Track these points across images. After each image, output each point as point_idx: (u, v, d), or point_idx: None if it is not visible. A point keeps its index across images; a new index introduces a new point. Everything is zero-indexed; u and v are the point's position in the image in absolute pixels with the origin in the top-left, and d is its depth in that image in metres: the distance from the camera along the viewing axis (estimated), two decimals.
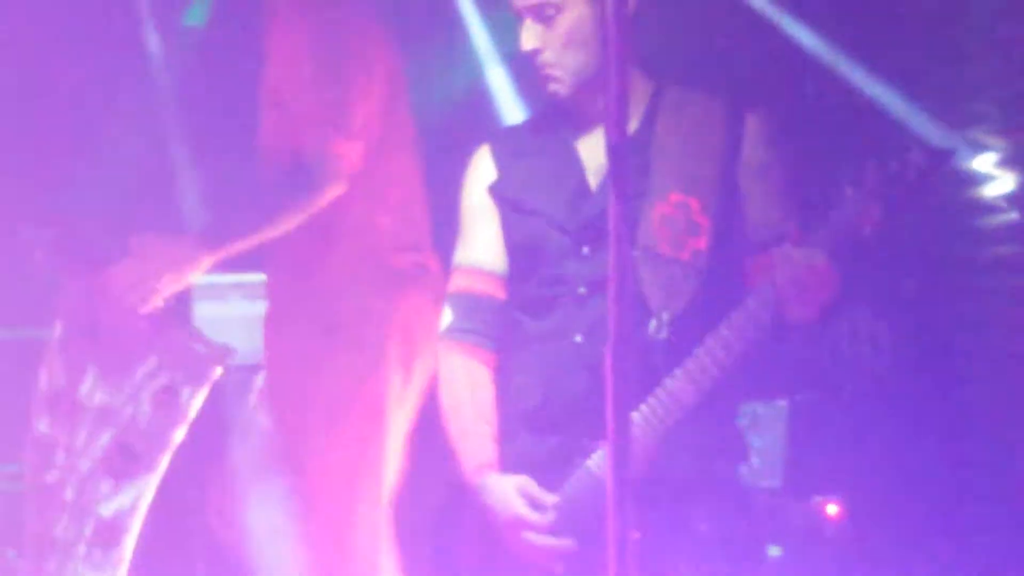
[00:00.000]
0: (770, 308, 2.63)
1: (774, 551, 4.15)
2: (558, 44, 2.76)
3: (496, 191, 2.83)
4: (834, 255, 2.58)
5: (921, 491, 4.38)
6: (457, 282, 2.88)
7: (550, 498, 2.61)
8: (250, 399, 3.60)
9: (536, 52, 2.78)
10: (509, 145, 2.96)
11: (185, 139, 4.70)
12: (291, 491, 3.26)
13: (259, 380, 3.54)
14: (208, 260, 3.12)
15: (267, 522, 3.32)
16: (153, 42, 4.62)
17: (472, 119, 4.68)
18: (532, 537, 2.58)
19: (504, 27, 4.33)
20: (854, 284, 2.72)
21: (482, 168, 2.90)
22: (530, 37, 2.77)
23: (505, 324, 2.84)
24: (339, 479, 3.17)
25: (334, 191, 3.07)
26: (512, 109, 4.71)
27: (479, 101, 4.91)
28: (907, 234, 3.91)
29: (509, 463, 2.70)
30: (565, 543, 2.62)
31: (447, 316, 2.88)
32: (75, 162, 4.53)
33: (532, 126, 3.03)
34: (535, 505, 2.60)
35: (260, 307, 3.49)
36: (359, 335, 3.20)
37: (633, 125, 2.71)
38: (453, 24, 4.89)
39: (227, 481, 3.44)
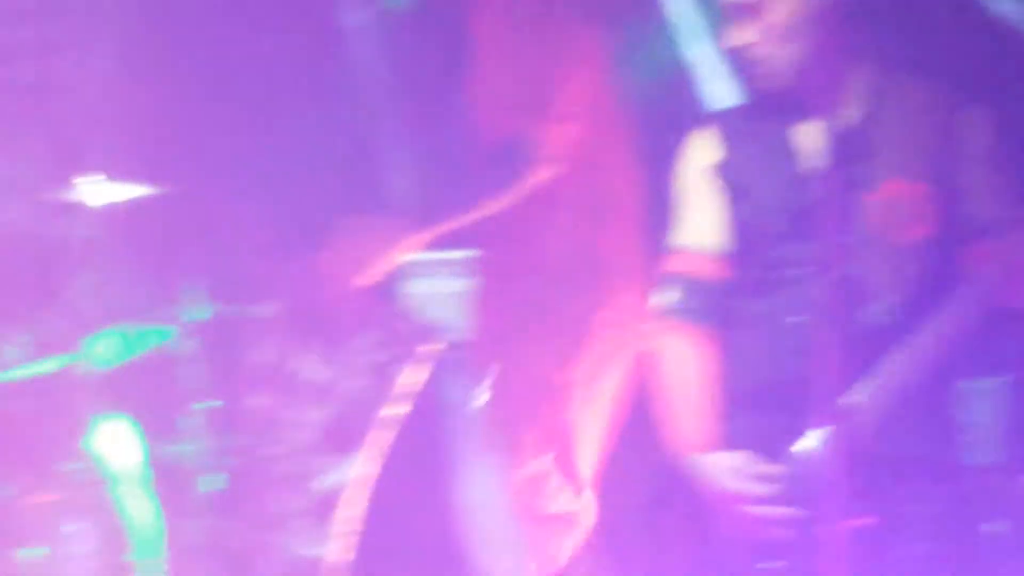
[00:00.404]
0: (987, 295, 2.68)
1: (992, 528, 4.05)
2: (772, 37, 2.78)
3: (717, 173, 2.86)
4: None
5: None
6: (678, 262, 2.92)
7: (772, 471, 2.63)
8: (457, 375, 3.61)
9: (749, 47, 2.80)
10: (728, 128, 2.96)
11: (392, 120, 4.75)
12: (499, 468, 3.29)
13: (466, 357, 3.58)
14: (419, 239, 3.18)
15: (479, 497, 3.37)
16: (357, 17, 4.71)
17: (673, 100, 4.51)
18: (755, 509, 2.60)
19: (706, 3, 4.33)
20: None
21: (700, 150, 2.91)
22: (743, 32, 2.79)
23: (723, 304, 2.86)
24: (540, 459, 3.19)
25: (544, 175, 3.09)
26: (717, 89, 4.50)
27: (679, 81, 4.85)
28: None
29: (727, 442, 2.73)
30: (790, 511, 2.63)
31: (669, 295, 2.91)
32: (289, 142, 4.52)
33: (747, 111, 3.05)
34: (758, 478, 2.62)
35: (467, 284, 3.51)
36: (566, 319, 3.21)
37: (853, 113, 2.76)
38: (652, 2, 4.82)
39: (440, 457, 3.50)
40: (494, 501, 3.37)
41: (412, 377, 3.42)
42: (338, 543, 3.48)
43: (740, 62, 2.97)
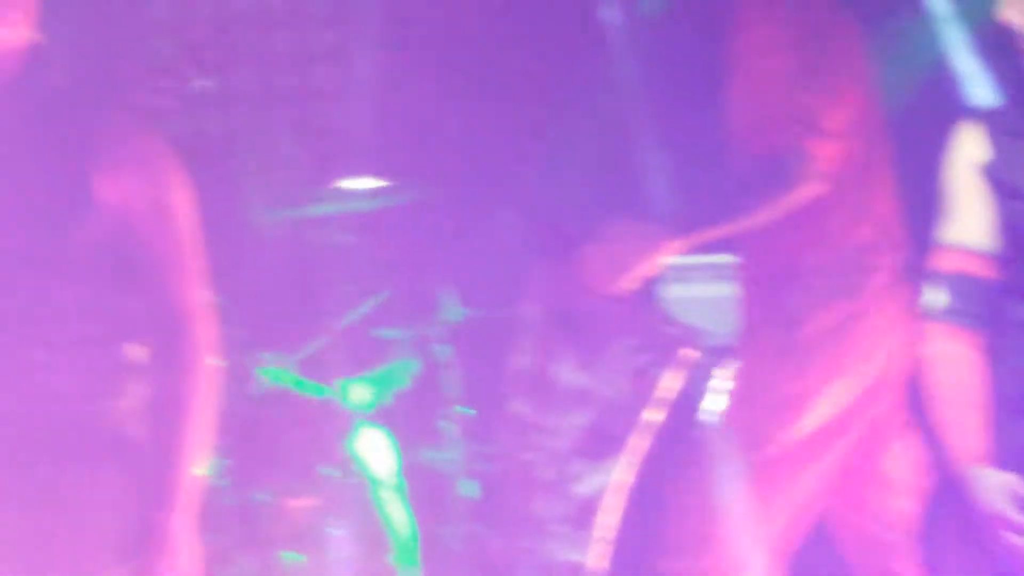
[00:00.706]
0: None
1: None
2: None
3: (989, 172, 2.77)
4: None
5: None
6: (949, 261, 2.83)
7: None
8: (713, 379, 3.55)
9: None
10: (999, 127, 2.86)
11: (650, 126, 4.57)
12: (750, 473, 3.22)
13: (726, 361, 3.48)
14: (678, 245, 3.14)
15: (733, 503, 3.26)
16: (614, 26, 4.76)
17: (936, 96, 4.32)
18: (1012, 538, 2.51)
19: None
20: None
21: (970, 147, 2.83)
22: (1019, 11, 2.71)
23: (993, 307, 2.78)
24: (787, 469, 3.14)
25: (810, 190, 3.07)
26: (981, 84, 4.26)
27: (942, 78, 4.61)
28: None
29: (999, 452, 2.63)
30: None
31: (939, 297, 2.82)
32: (548, 147, 4.75)
33: (1017, 108, 2.93)
34: (1021, 505, 2.51)
35: (725, 288, 3.49)
36: (827, 334, 3.17)
37: None
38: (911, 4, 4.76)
39: (696, 463, 3.41)
40: (747, 507, 3.28)
41: (671, 382, 3.39)
42: (596, 549, 3.45)
43: (1017, 44, 2.83)
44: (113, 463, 2.72)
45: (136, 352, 2.76)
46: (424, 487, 4.50)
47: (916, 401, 3.10)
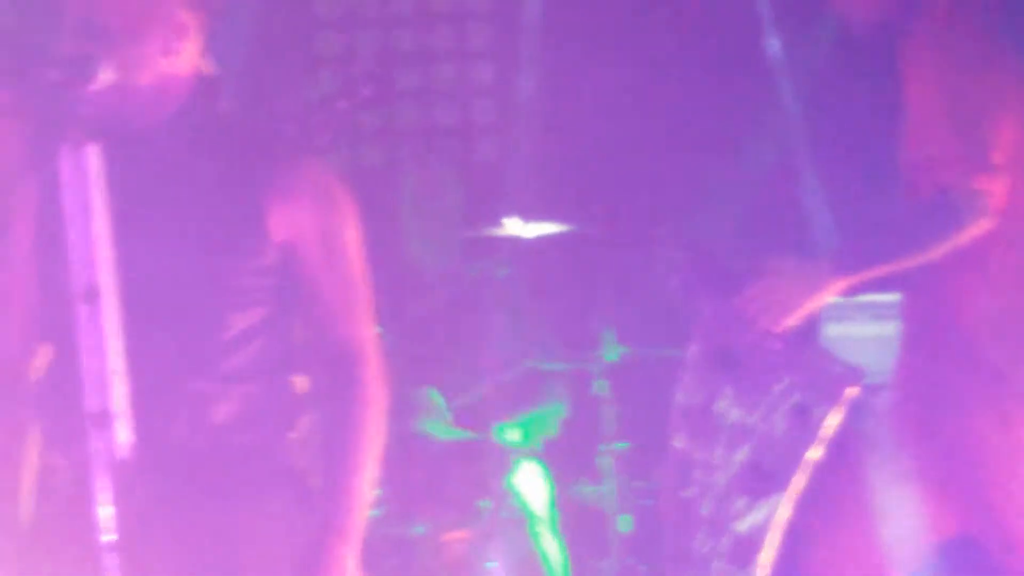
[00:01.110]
0: None
1: None
2: None
3: None
4: None
5: None
6: None
7: None
8: (877, 420, 3.54)
9: None
10: None
11: (815, 165, 4.80)
12: (921, 516, 3.21)
13: (882, 400, 3.50)
14: (841, 283, 3.15)
15: (898, 545, 3.28)
16: (779, 64, 4.97)
17: None
18: None
19: None
20: None
21: None
22: None
23: None
24: (961, 507, 3.09)
25: (979, 227, 3.05)
26: None
27: None
28: None
29: None
30: None
31: None
32: (708, 186, 4.84)
33: None
34: None
35: (887, 327, 3.49)
36: (1009, 374, 3.13)
37: None
38: None
39: (859, 502, 3.40)
40: (913, 550, 3.26)
41: (832, 420, 3.28)
42: None
43: None
44: (284, 494, 2.75)
45: (303, 384, 2.80)
46: (579, 521, 4.65)
47: None
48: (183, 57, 2.75)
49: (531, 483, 4.53)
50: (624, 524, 4.54)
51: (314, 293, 2.76)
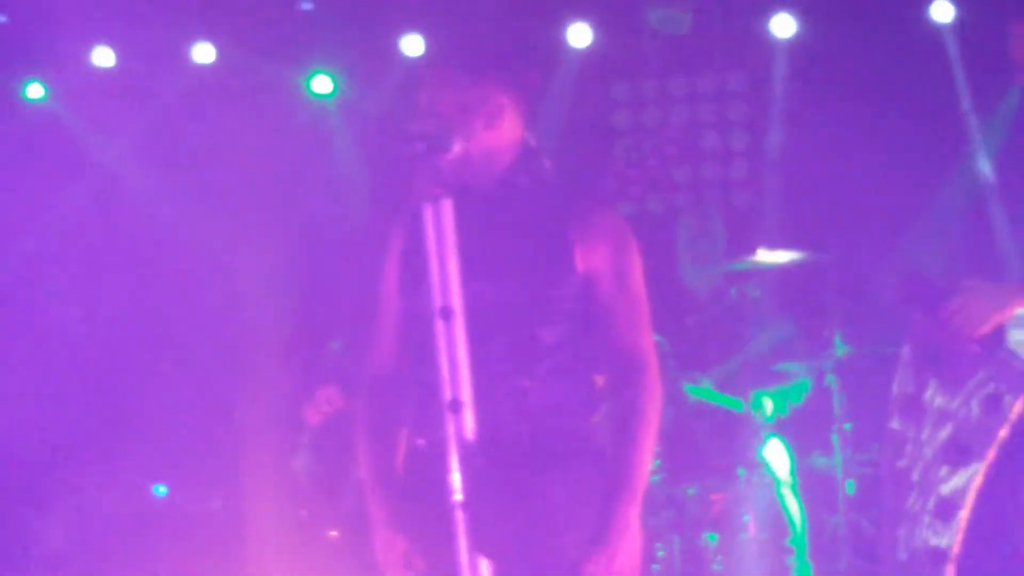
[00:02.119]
0: None
1: None
2: None
3: None
4: None
5: None
6: None
7: None
8: None
9: None
10: None
11: (1006, 201, 4.66)
12: None
13: None
14: None
15: None
16: (972, 120, 5.01)
17: None
18: None
19: None
20: None
21: None
22: None
23: None
24: None
25: None
26: None
27: None
28: None
29: None
30: None
31: None
32: (916, 221, 4.87)
33: None
34: None
35: None
36: None
37: None
38: None
39: None
40: None
41: (1019, 406, 3.29)
42: (957, 538, 3.34)
43: None
44: (586, 467, 2.76)
45: (600, 380, 2.85)
46: (814, 485, 4.87)
47: None
48: (505, 130, 2.79)
49: (777, 455, 4.71)
50: (850, 488, 4.73)
51: (608, 313, 2.79)
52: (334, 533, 4.33)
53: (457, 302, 2.50)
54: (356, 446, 3.09)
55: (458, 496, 2.49)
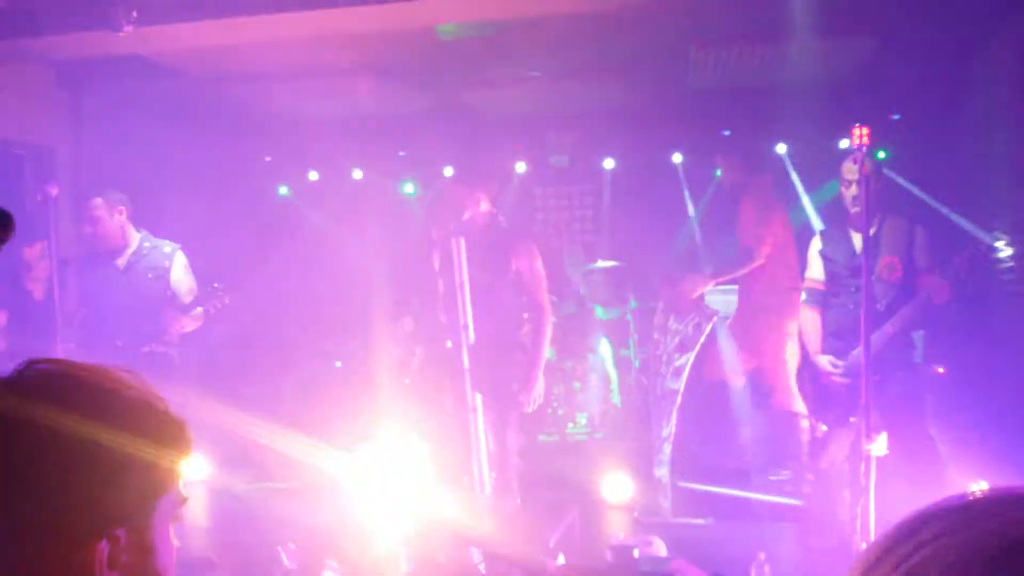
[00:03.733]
0: (926, 301, 3.36)
1: None
2: (851, 197, 3.45)
3: (821, 251, 3.73)
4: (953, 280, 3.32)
5: None
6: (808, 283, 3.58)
7: None
8: None
9: (846, 197, 3.47)
10: (826, 234, 3.75)
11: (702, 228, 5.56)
12: None
13: None
14: None
15: None
16: None
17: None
18: None
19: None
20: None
21: (816, 242, 3.78)
22: (846, 192, 3.45)
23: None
24: None
25: None
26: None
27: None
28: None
29: None
30: None
31: None
32: None
33: (835, 226, 3.71)
34: None
35: None
36: None
37: (873, 229, 3.34)
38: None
39: None
40: None
41: (708, 328, 4.11)
42: (681, 385, 4.07)
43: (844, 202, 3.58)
44: (519, 352, 3.50)
45: (525, 315, 3.55)
46: (621, 362, 5.75)
47: None
48: (483, 208, 3.39)
49: (604, 347, 5.55)
50: (636, 364, 5.73)
51: (526, 286, 3.27)
52: (407, 381, 5.09)
53: (465, 280, 3.24)
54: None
55: (466, 365, 3.28)
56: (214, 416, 3.33)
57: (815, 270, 3.76)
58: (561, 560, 3.35)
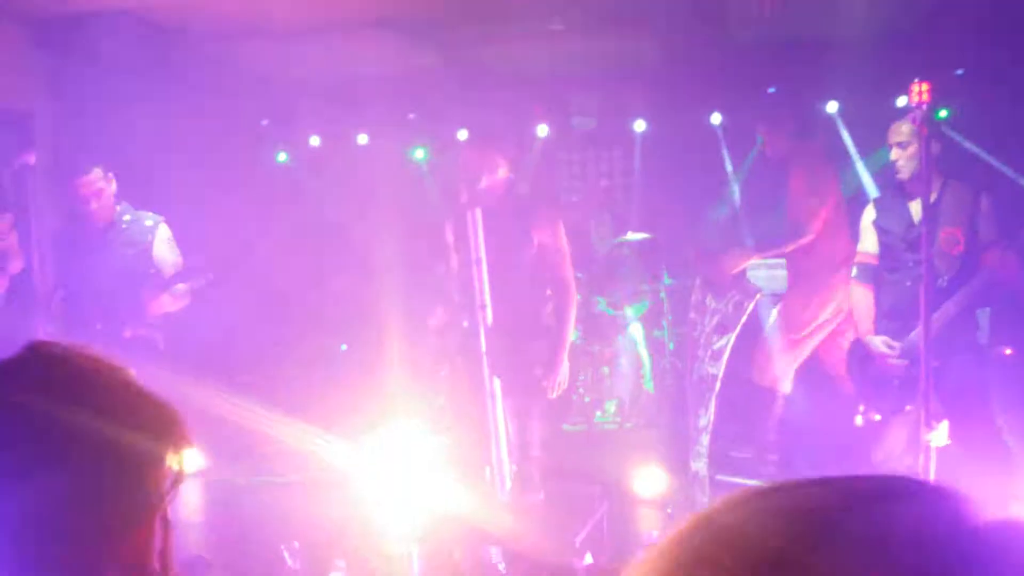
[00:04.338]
0: (992, 277, 3.38)
1: None
2: (905, 158, 3.50)
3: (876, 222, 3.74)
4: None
5: None
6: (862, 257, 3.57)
7: None
8: None
9: (896, 162, 3.50)
10: (880, 202, 3.74)
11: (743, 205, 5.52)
12: None
13: None
14: None
15: None
16: None
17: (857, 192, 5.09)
18: None
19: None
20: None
21: (869, 212, 3.79)
22: (895, 155, 3.50)
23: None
24: None
25: None
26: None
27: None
28: None
29: None
30: None
31: None
32: None
33: (891, 194, 3.69)
34: None
35: None
36: None
37: (933, 197, 3.36)
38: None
39: None
40: None
41: (749, 307, 4.00)
42: (720, 369, 3.98)
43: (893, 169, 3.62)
44: (543, 333, 3.48)
45: (549, 293, 3.47)
46: (654, 345, 5.75)
47: None
48: (501, 175, 3.38)
49: (636, 330, 5.62)
50: (671, 346, 5.74)
51: (550, 262, 3.31)
52: (443, 372, 4.95)
53: (483, 256, 3.30)
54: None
55: (483, 348, 3.30)
56: (209, 404, 3.29)
57: (868, 243, 3.74)
58: (588, 560, 3.33)
